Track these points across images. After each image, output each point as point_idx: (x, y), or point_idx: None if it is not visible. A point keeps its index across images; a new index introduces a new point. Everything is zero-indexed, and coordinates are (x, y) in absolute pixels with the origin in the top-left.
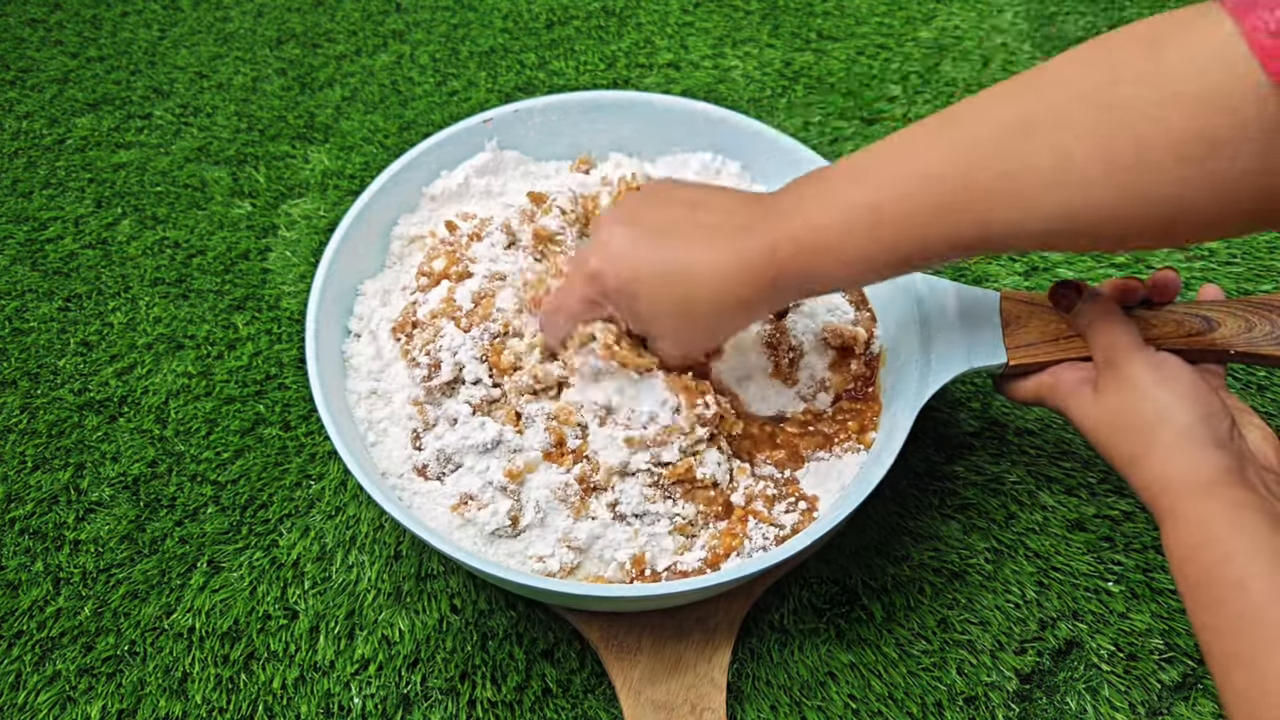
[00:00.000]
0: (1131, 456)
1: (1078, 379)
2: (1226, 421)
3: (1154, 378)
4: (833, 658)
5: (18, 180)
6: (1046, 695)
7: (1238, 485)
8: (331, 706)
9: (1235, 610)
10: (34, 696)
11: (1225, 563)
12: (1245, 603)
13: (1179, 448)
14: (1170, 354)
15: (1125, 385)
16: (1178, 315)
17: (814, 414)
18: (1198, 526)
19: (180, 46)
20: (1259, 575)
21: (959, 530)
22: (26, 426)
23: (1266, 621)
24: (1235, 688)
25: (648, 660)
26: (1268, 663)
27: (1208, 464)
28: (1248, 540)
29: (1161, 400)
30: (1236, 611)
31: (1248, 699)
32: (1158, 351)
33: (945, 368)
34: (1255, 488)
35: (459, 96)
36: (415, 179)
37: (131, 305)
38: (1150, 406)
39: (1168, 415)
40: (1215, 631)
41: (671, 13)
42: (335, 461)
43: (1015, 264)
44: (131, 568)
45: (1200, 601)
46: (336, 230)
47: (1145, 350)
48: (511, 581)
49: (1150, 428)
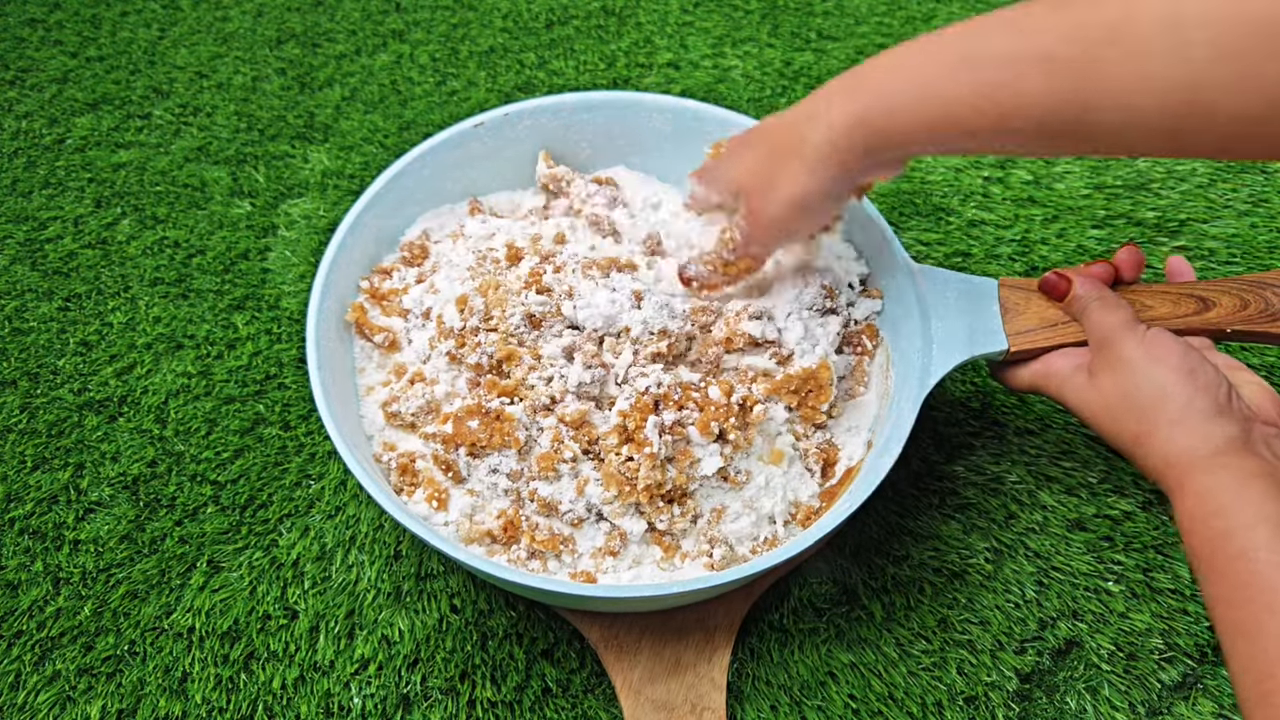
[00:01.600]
0: (1135, 436)
1: (1073, 365)
2: (1224, 387)
3: (1147, 355)
4: (833, 658)
5: (17, 180)
6: (1046, 695)
7: (1244, 453)
8: (331, 706)
9: (1240, 580)
10: (34, 696)
11: (1230, 534)
12: (1250, 572)
13: (1181, 423)
14: (1161, 330)
15: (1120, 366)
16: (1173, 295)
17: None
18: (1204, 499)
19: (180, 46)
20: (1263, 545)
21: (959, 530)
22: (26, 426)
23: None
24: (1240, 657)
25: (647, 660)
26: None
27: (1212, 435)
28: (1253, 510)
29: (1157, 377)
30: (1242, 581)
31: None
32: (1149, 329)
33: (947, 356)
34: (1261, 453)
35: (459, 96)
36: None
37: (131, 305)
38: (1147, 384)
39: (1166, 391)
40: (1222, 602)
41: (671, 12)
42: (335, 461)
43: (1015, 264)
44: (131, 568)
45: (1208, 573)
46: (337, 231)
47: (1136, 329)
48: (511, 581)
49: (1151, 406)
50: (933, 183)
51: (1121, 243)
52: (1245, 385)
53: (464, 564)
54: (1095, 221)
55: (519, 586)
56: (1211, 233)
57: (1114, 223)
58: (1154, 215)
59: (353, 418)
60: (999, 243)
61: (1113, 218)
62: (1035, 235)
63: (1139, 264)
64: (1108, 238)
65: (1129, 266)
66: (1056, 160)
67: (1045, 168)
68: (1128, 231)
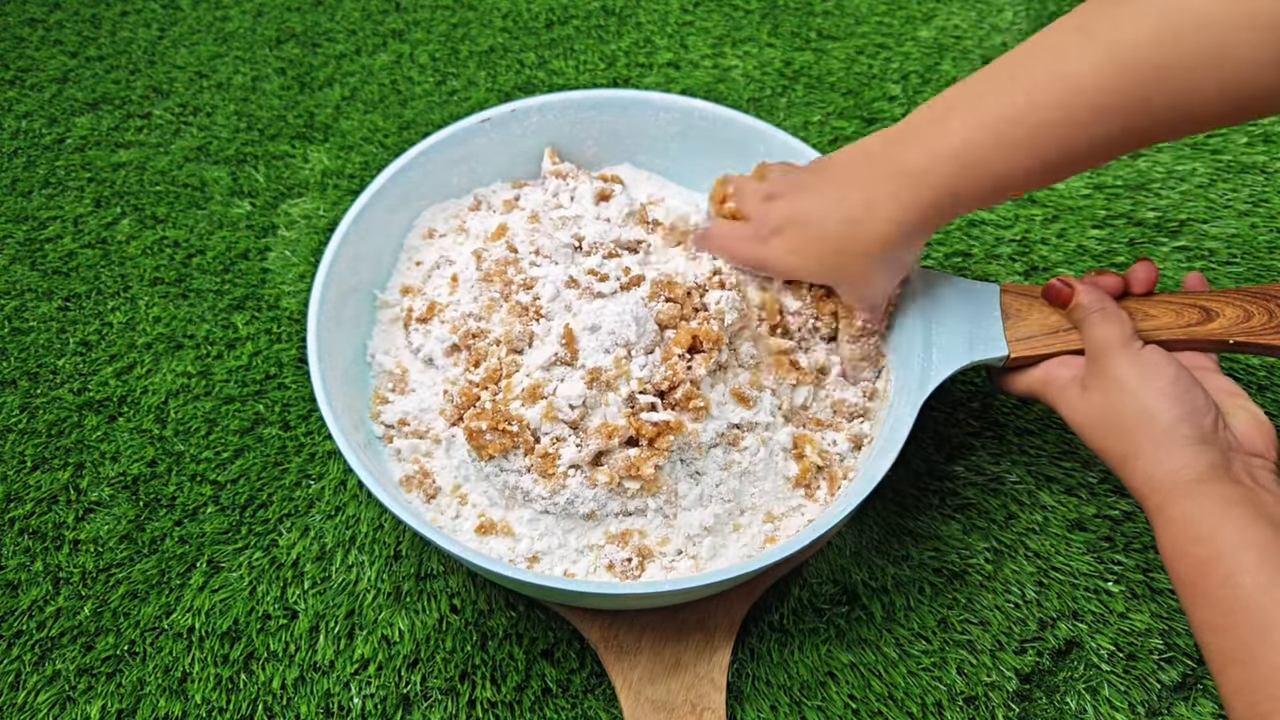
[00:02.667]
0: (1121, 456)
1: (1068, 376)
2: (1210, 415)
3: (1137, 376)
4: (833, 658)
5: (17, 180)
6: (1046, 695)
7: (1224, 480)
8: (331, 706)
9: (1226, 606)
10: (34, 696)
11: (1214, 560)
12: (1235, 598)
13: (1163, 447)
14: (1155, 348)
15: (1110, 384)
16: (1176, 305)
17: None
18: (1186, 525)
19: (180, 46)
20: (1247, 570)
21: (959, 530)
22: (26, 426)
23: (1257, 615)
24: (1232, 683)
25: (647, 660)
26: (1261, 656)
27: (1193, 462)
28: (1235, 535)
29: (1143, 399)
30: (1228, 607)
31: (1244, 693)
32: (1144, 347)
33: (947, 361)
34: (1242, 480)
35: (459, 96)
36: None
37: (131, 305)
38: (1134, 405)
39: (1150, 414)
40: (1209, 628)
41: (671, 12)
42: (335, 461)
43: (1015, 264)
44: (131, 567)
45: (1193, 599)
46: (340, 225)
47: (1131, 347)
48: (511, 579)
49: (1136, 427)
50: None
51: (1122, 243)
52: (1239, 413)
53: (464, 561)
54: (1095, 221)
55: (519, 584)
56: (1211, 233)
57: (1114, 223)
58: (1154, 215)
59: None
60: (999, 243)
61: (1113, 218)
62: (1035, 235)
63: (1151, 281)
64: (1108, 238)
65: (1140, 283)
66: None
67: None
68: (1128, 231)
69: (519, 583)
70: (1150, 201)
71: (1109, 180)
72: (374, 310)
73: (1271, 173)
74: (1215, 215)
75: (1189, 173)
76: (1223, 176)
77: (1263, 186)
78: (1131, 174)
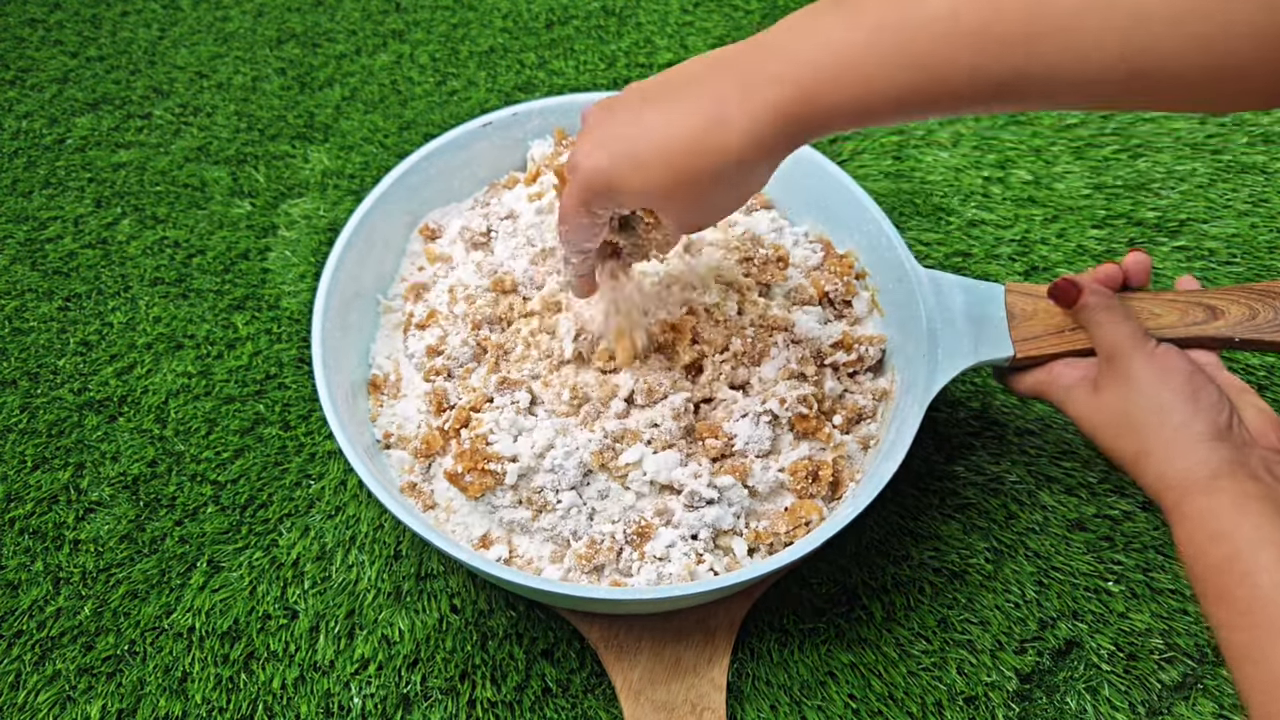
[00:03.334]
0: (1134, 455)
1: (1077, 376)
2: (1225, 411)
3: (1153, 374)
4: (833, 658)
5: (18, 180)
6: (1046, 695)
7: (1241, 476)
8: (331, 706)
9: (1244, 604)
10: (34, 696)
11: (1232, 557)
12: (1253, 596)
13: (1179, 445)
14: (1169, 346)
15: (1125, 383)
16: (1181, 303)
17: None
18: (1203, 522)
19: (180, 46)
20: (1266, 567)
21: (959, 530)
22: (26, 426)
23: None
24: (1249, 681)
25: (647, 661)
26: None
27: (1209, 459)
28: (1253, 532)
29: (1159, 397)
30: (1245, 605)
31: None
32: (1157, 346)
33: (952, 362)
34: (1260, 476)
35: (459, 96)
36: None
37: (131, 305)
38: (1149, 403)
39: (1166, 412)
40: (1227, 626)
41: (671, 12)
42: (335, 461)
43: (1015, 264)
44: (131, 567)
45: (1211, 596)
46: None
47: (1145, 346)
48: (511, 582)
49: (1150, 425)
50: (933, 183)
51: (1122, 243)
52: (1248, 408)
53: (464, 563)
54: (1095, 221)
55: (519, 586)
56: (1211, 233)
57: (1114, 223)
58: (1154, 215)
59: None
60: (999, 243)
61: (1113, 218)
62: (1035, 235)
63: (1146, 269)
64: (1108, 238)
65: (1136, 272)
66: (1057, 160)
67: (1045, 168)
68: (1128, 231)
69: (520, 586)
70: (1150, 201)
71: (1109, 180)
72: (378, 315)
73: (1271, 173)
74: (1215, 215)
75: (1189, 173)
76: (1223, 176)
77: (1263, 186)
78: (1131, 174)
